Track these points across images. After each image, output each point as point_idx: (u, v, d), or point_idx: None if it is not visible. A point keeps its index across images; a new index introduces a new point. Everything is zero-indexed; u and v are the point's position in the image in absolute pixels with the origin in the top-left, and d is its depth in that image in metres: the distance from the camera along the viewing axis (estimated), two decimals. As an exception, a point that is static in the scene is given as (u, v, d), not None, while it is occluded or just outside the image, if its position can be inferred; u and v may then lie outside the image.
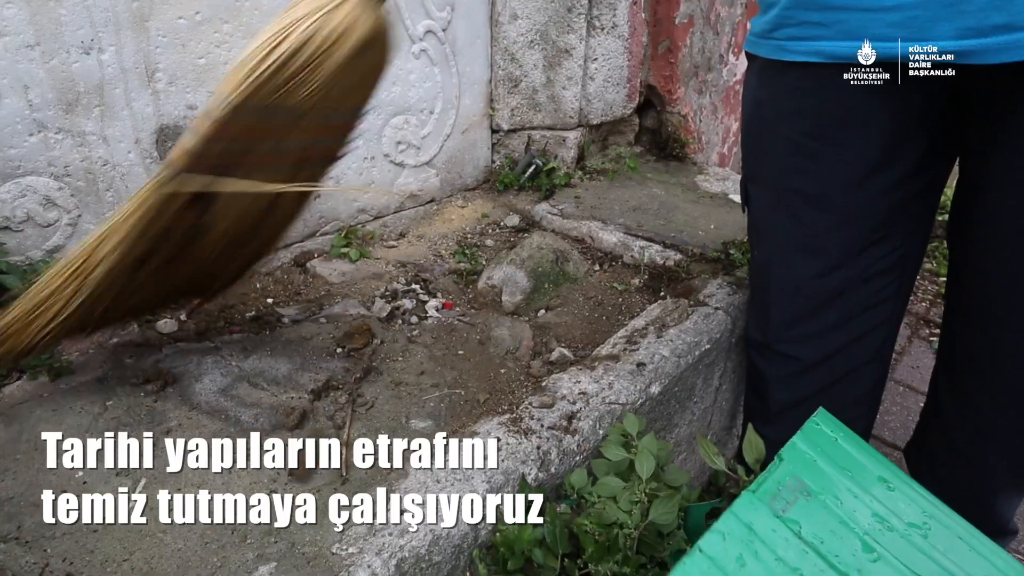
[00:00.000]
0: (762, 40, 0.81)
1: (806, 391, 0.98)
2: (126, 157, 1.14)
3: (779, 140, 0.84)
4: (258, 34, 0.70)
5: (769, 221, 0.91)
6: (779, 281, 0.93)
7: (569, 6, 1.63)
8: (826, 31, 0.72)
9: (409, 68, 1.44)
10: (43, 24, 1.00)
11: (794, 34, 0.75)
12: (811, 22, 0.72)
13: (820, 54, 0.73)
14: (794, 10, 0.74)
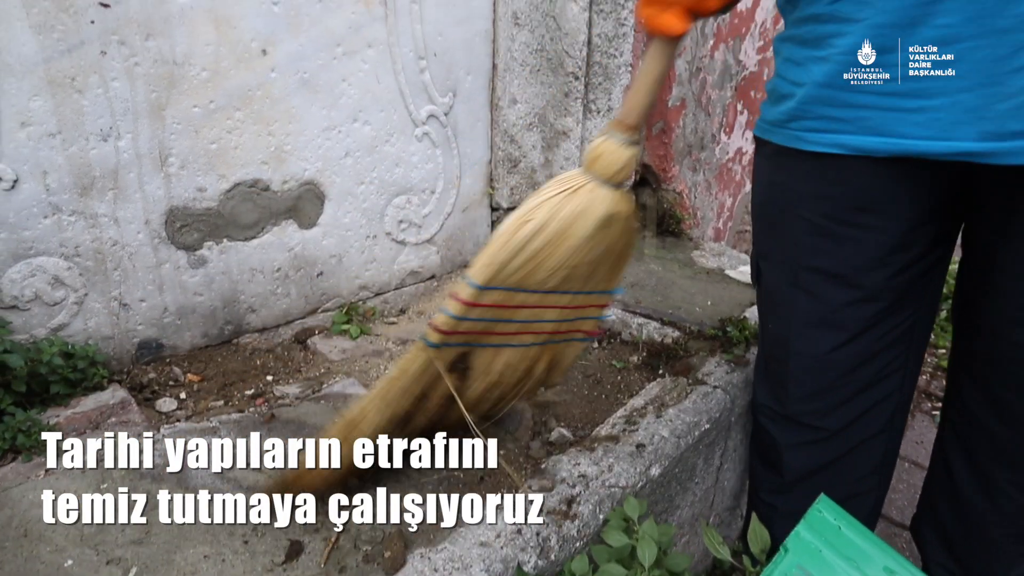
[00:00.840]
0: (777, 128, 0.84)
1: (822, 460, 0.99)
2: (135, 237, 1.17)
3: (798, 222, 0.86)
4: (513, 218, 0.78)
5: (786, 297, 0.92)
6: (798, 354, 0.93)
7: (566, 91, 1.71)
8: (847, 126, 0.73)
9: (412, 150, 1.50)
10: (66, 114, 1.05)
11: (813, 127, 0.77)
12: (831, 117, 0.74)
13: (842, 147, 0.75)
14: (813, 105, 0.76)
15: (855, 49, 0.69)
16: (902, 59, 0.67)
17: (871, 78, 0.70)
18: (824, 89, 0.74)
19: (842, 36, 0.70)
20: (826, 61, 0.72)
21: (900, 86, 0.68)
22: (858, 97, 0.71)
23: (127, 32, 1.07)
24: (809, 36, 0.75)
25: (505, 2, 1.56)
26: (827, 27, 0.72)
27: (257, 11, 1.19)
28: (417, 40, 1.42)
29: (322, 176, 1.37)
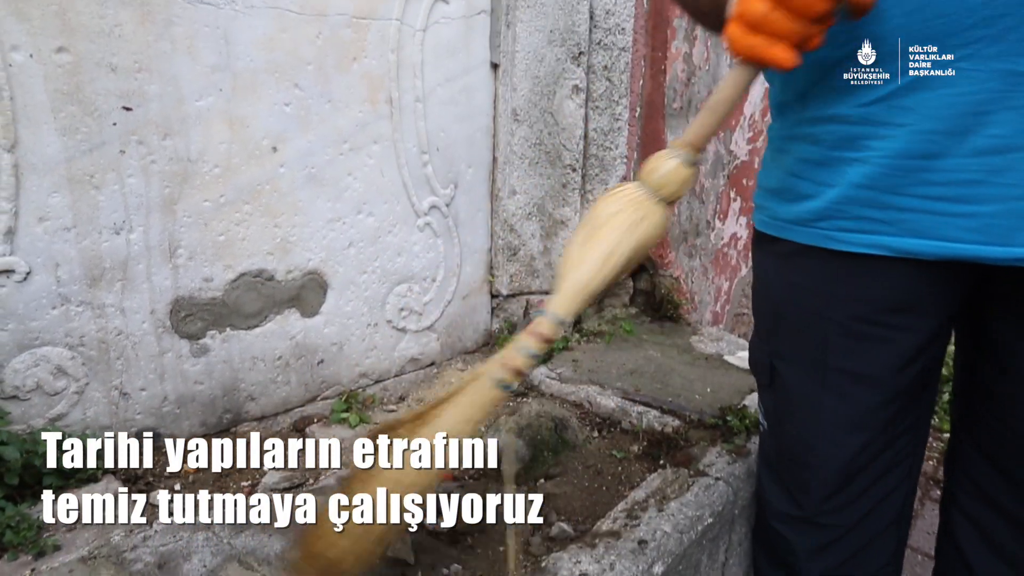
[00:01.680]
0: (796, 226, 0.80)
1: (839, 558, 0.96)
2: (140, 327, 1.19)
3: (826, 323, 0.82)
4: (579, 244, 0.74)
5: (810, 400, 0.88)
6: (825, 458, 0.89)
7: (564, 182, 1.77)
8: (889, 228, 0.71)
9: (414, 240, 1.54)
10: (82, 209, 1.09)
11: (848, 227, 0.74)
12: (871, 218, 0.72)
13: (883, 248, 0.72)
14: (848, 205, 0.73)
15: (901, 153, 0.68)
16: (952, 165, 0.66)
17: (918, 180, 0.68)
18: (863, 190, 0.72)
19: (882, 139, 0.69)
20: (864, 163, 0.71)
21: (948, 190, 0.67)
22: (903, 200, 0.69)
23: (146, 132, 1.13)
24: (832, 136, 0.74)
25: (505, 99, 1.64)
26: (859, 128, 0.71)
27: (270, 111, 1.26)
28: (421, 136, 1.49)
29: (326, 266, 1.40)
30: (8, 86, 0.98)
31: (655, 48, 2.00)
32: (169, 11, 1.12)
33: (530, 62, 1.63)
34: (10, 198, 1.02)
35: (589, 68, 1.75)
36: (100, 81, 1.07)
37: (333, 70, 1.32)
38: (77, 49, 1.04)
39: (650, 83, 2.01)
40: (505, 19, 1.60)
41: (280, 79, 1.26)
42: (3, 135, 1.00)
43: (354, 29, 1.34)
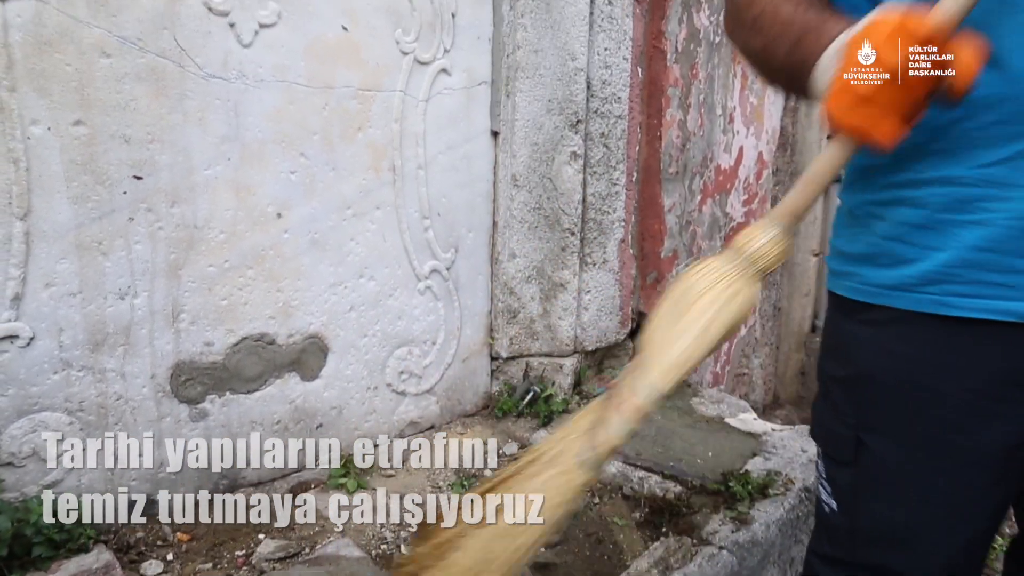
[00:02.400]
0: (899, 292, 0.75)
1: None
2: (140, 392, 1.19)
3: (936, 396, 0.75)
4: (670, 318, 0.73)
5: (916, 479, 0.80)
6: (934, 545, 0.80)
7: (563, 246, 1.80)
8: (1013, 292, 0.68)
9: (415, 304, 1.55)
10: (88, 275, 1.11)
11: (964, 291, 0.70)
12: (990, 282, 0.69)
13: (1005, 313, 0.68)
14: (965, 269, 0.70)
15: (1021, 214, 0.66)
16: None
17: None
18: (983, 253, 0.69)
19: (1006, 200, 0.67)
20: (984, 225, 0.68)
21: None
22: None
23: (155, 200, 1.16)
24: (942, 199, 0.71)
25: (505, 166, 1.69)
26: (977, 190, 0.68)
27: (276, 179, 1.30)
28: (422, 202, 1.52)
29: (327, 329, 1.41)
30: (26, 158, 1.02)
31: (650, 115, 2.07)
32: (183, 85, 1.16)
33: (529, 130, 1.69)
34: (20, 264, 1.04)
35: (587, 135, 1.80)
36: (113, 152, 1.10)
37: (338, 139, 1.37)
38: (93, 122, 1.08)
39: (646, 149, 2.07)
40: (505, 89, 1.66)
41: (287, 148, 1.30)
42: (17, 204, 1.02)
43: (360, 100, 1.39)
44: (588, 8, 1.75)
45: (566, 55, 1.71)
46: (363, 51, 1.39)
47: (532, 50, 1.67)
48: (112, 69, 1.09)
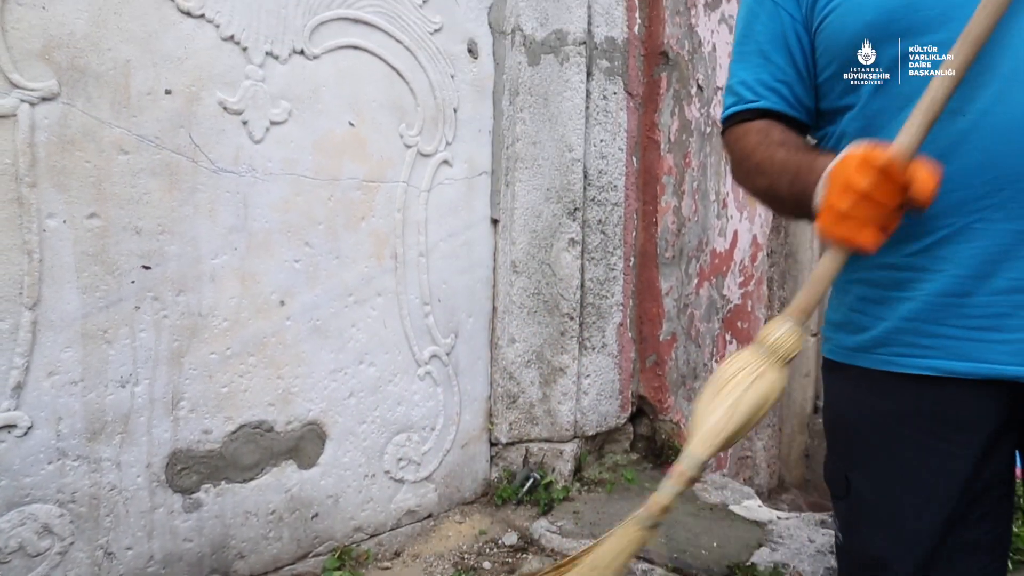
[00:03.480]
0: (861, 354, 0.91)
1: None
2: (134, 481, 1.17)
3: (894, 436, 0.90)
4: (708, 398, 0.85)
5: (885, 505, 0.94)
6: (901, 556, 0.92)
7: (562, 330, 1.81)
8: (935, 352, 0.83)
9: (414, 389, 1.55)
10: (92, 363, 1.11)
11: (902, 352, 0.86)
12: (920, 345, 0.84)
13: (932, 369, 0.83)
14: (900, 335, 0.85)
15: (941, 292, 0.82)
16: (983, 301, 0.80)
17: (957, 313, 0.81)
18: (912, 322, 0.85)
19: (925, 282, 0.83)
20: (911, 300, 0.85)
21: (982, 322, 0.80)
22: (945, 329, 0.82)
23: (162, 289, 1.18)
24: (885, 280, 0.88)
25: (504, 252, 1.72)
26: (907, 274, 0.85)
27: (280, 267, 1.33)
28: (423, 288, 1.55)
29: (326, 416, 1.40)
30: (40, 249, 1.05)
31: (646, 202, 2.13)
32: (195, 179, 1.21)
33: (528, 218, 1.74)
34: (24, 354, 1.05)
35: (584, 222, 1.86)
36: (124, 243, 1.14)
37: (342, 229, 1.41)
38: (107, 214, 1.12)
39: (643, 234, 2.12)
40: (505, 179, 1.73)
41: (292, 238, 1.34)
42: (28, 294, 1.04)
43: (364, 191, 1.44)
44: (584, 102, 1.84)
45: (563, 146, 1.79)
46: (368, 145, 1.45)
47: (531, 142, 1.74)
48: (129, 165, 1.13)
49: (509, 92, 1.72)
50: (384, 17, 1.47)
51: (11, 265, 1.03)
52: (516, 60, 1.72)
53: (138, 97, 1.14)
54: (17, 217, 1.03)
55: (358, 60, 1.43)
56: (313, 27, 1.35)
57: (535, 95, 1.75)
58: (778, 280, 3.14)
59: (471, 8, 1.66)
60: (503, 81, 1.72)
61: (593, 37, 1.88)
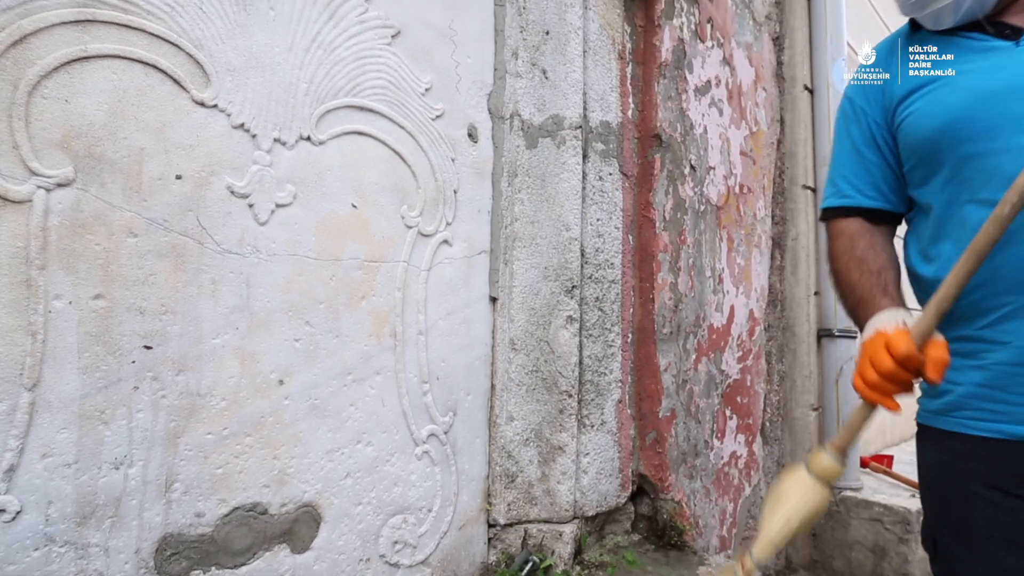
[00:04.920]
0: (941, 416, 1.00)
1: None
2: (122, 568, 1.14)
3: (971, 496, 0.96)
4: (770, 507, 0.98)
5: (968, 566, 0.98)
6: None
7: (561, 408, 1.80)
8: (1004, 417, 0.91)
9: (411, 469, 1.53)
10: (86, 444, 1.11)
11: (975, 415, 0.94)
12: (989, 410, 0.93)
13: (1001, 433, 0.91)
14: (972, 399, 0.94)
15: (1008, 362, 0.91)
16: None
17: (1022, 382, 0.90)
18: (982, 388, 0.93)
19: (994, 352, 0.92)
20: (982, 369, 0.93)
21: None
22: (1010, 395, 0.91)
23: (161, 369, 1.19)
24: (961, 350, 0.96)
25: (503, 329, 1.74)
26: (977, 345, 0.94)
27: (280, 346, 1.33)
28: (422, 366, 1.56)
29: (321, 498, 1.38)
30: (43, 330, 1.06)
31: (643, 279, 2.17)
32: (200, 260, 1.24)
33: (526, 296, 1.76)
34: (20, 435, 1.04)
35: (582, 300, 1.88)
36: (127, 323, 1.15)
37: (343, 308, 1.43)
38: (112, 295, 1.14)
39: (640, 311, 2.14)
40: (503, 257, 1.76)
41: (293, 317, 1.35)
42: (28, 375, 1.05)
43: (365, 271, 1.47)
44: (580, 183, 1.89)
45: (561, 226, 1.83)
46: (371, 226, 1.49)
47: (529, 221, 1.79)
48: (137, 247, 1.16)
49: (508, 174, 1.78)
50: (388, 105, 1.53)
51: (14, 346, 1.04)
52: (514, 143, 1.79)
53: (150, 182, 1.18)
54: (24, 299, 1.05)
55: (362, 145, 1.49)
56: (320, 115, 1.42)
57: (533, 176, 1.81)
58: (776, 354, 3.14)
59: (471, 95, 1.74)
60: (502, 163, 1.78)
61: (589, 121, 1.96)
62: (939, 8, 0.96)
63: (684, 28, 2.38)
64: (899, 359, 0.84)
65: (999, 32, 0.95)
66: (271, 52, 1.34)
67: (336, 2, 1.46)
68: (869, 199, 1.06)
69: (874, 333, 0.90)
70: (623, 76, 2.12)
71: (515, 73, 1.81)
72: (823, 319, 3.26)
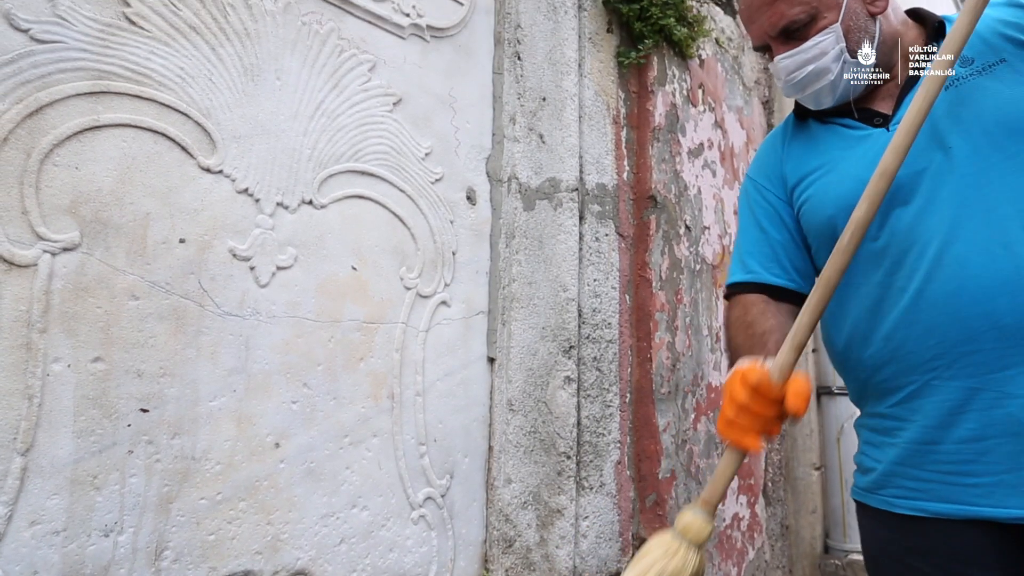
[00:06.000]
0: (870, 494, 1.00)
1: None
2: (107, 641, 1.10)
3: (912, 572, 0.95)
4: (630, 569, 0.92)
5: None
6: None
7: (559, 470, 1.78)
8: (921, 494, 0.91)
9: (407, 534, 1.50)
10: (77, 511, 1.09)
11: (897, 494, 0.95)
12: (908, 487, 0.93)
13: (922, 510, 0.91)
14: (892, 477, 0.95)
15: (916, 440, 0.91)
16: (951, 449, 0.88)
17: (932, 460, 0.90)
18: (899, 466, 0.94)
19: (903, 430, 0.93)
20: (896, 447, 0.94)
21: (954, 467, 0.88)
22: (923, 472, 0.91)
23: (157, 432, 1.18)
24: (879, 427, 0.98)
25: (501, 390, 1.73)
26: (890, 422, 0.95)
27: (277, 409, 1.33)
28: (419, 428, 1.54)
29: (315, 565, 1.35)
30: (40, 394, 1.06)
31: (640, 339, 2.17)
32: (200, 323, 1.24)
33: (524, 356, 1.76)
34: (9, 502, 1.03)
35: (580, 360, 1.88)
36: (125, 386, 1.15)
37: (341, 369, 1.43)
38: (111, 358, 1.14)
39: (638, 371, 2.14)
40: (501, 318, 1.77)
41: (291, 379, 1.35)
42: (22, 440, 1.04)
43: (363, 332, 1.48)
44: (577, 244, 1.92)
45: (558, 286, 1.85)
46: (370, 287, 1.50)
47: (526, 282, 1.81)
48: (138, 310, 1.17)
49: (506, 235, 1.81)
50: (389, 169, 1.57)
51: (10, 410, 1.04)
52: (512, 206, 1.82)
53: (153, 246, 1.20)
54: (23, 362, 1.05)
55: (363, 208, 1.52)
56: (322, 179, 1.45)
57: (530, 238, 1.84)
58: (776, 413, 3.12)
59: (470, 159, 1.78)
60: (500, 225, 1.81)
61: (585, 184, 2.00)
62: (817, 89, 1.00)
63: (676, 93, 2.46)
64: (752, 386, 0.83)
65: (869, 120, 1.00)
66: (276, 119, 1.39)
67: (340, 71, 1.51)
68: (773, 275, 1.06)
69: (732, 372, 0.89)
70: (618, 140, 2.18)
71: (513, 137, 1.86)
72: (822, 376, 3.25)
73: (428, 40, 1.71)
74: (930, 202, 0.90)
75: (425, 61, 1.69)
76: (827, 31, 0.97)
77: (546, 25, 1.97)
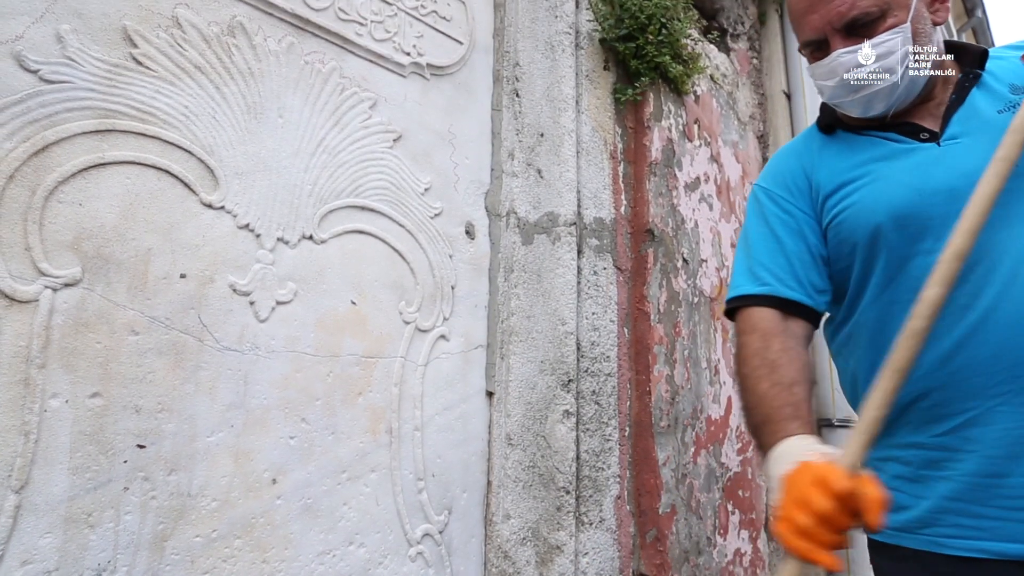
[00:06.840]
0: (906, 534, 0.90)
1: None
2: None
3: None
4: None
5: None
6: None
7: (558, 505, 1.76)
8: (982, 533, 0.83)
9: (405, 572, 1.48)
10: (70, 550, 1.07)
11: (949, 533, 0.86)
12: (966, 525, 0.84)
13: (981, 551, 0.83)
14: (944, 515, 0.86)
15: (977, 473, 0.83)
16: (1020, 482, 0.81)
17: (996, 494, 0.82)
18: (954, 502, 0.85)
19: (959, 462, 0.85)
20: (949, 481, 0.86)
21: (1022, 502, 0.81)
22: (988, 509, 0.83)
23: (153, 468, 1.17)
24: (917, 459, 0.89)
25: (499, 425, 1.72)
26: (938, 453, 0.87)
27: (275, 444, 1.32)
28: (417, 463, 1.53)
29: (309, 604, 1.32)
30: (37, 430, 1.05)
31: (639, 372, 2.17)
32: (199, 358, 1.24)
33: (523, 390, 1.76)
34: (1, 541, 1.02)
35: (578, 394, 1.88)
36: (122, 422, 1.14)
37: (339, 404, 1.42)
38: (109, 393, 1.14)
39: (637, 404, 2.13)
40: (500, 352, 1.77)
41: (289, 414, 1.35)
42: (17, 477, 1.03)
43: (362, 367, 1.48)
44: (575, 278, 1.93)
45: (557, 320, 1.86)
46: (369, 322, 1.51)
47: (525, 316, 1.81)
48: (137, 345, 1.17)
49: (504, 270, 1.82)
50: (389, 204, 1.59)
51: (5, 447, 1.03)
52: (511, 240, 1.84)
53: (154, 282, 1.20)
54: (21, 398, 1.05)
55: (362, 243, 1.53)
56: (323, 215, 1.47)
57: (529, 272, 1.85)
58: (776, 446, 3.09)
59: (469, 194, 1.80)
60: (498, 259, 1.82)
61: (583, 218, 2.02)
62: (873, 92, 0.91)
63: (672, 129, 2.50)
64: (840, 496, 0.69)
65: (914, 134, 0.94)
66: (278, 156, 1.41)
67: (342, 109, 1.54)
68: (788, 289, 0.96)
69: (798, 465, 0.75)
70: (615, 174, 2.21)
71: (511, 173, 1.89)
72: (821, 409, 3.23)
73: (428, 78, 1.74)
74: (999, 216, 0.82)
75: (425, 98, 1.72)
76: (896, 30, 0.89)
77: (544, 63, 2.01)
